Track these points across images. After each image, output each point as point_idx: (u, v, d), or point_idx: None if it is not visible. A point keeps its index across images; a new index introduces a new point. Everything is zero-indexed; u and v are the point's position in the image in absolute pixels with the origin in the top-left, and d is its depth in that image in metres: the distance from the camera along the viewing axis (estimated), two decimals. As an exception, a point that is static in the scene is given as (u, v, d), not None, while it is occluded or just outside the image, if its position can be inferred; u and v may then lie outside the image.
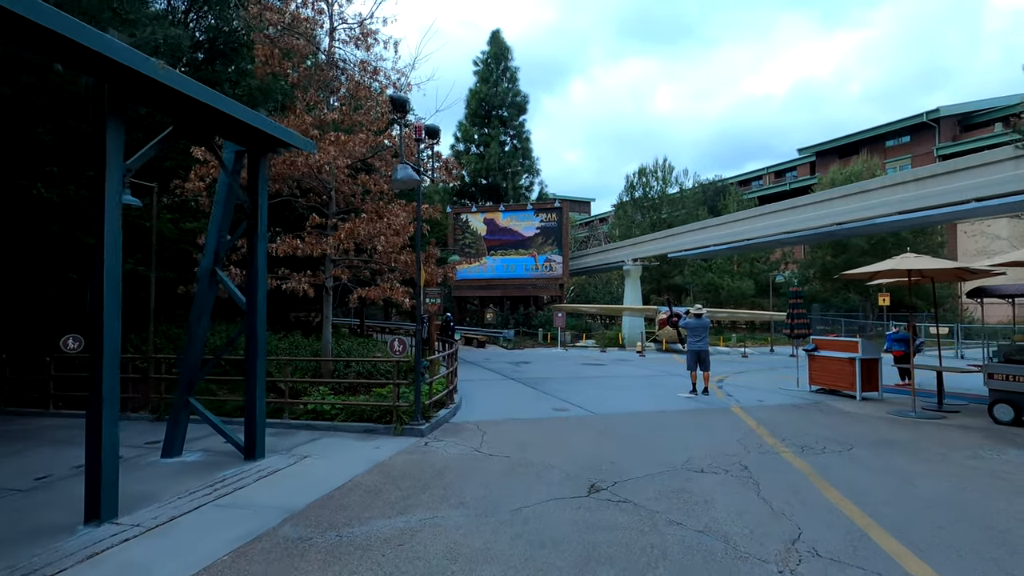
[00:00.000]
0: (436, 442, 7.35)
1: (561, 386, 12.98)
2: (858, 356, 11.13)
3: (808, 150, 51.41)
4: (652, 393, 12.00)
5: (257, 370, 6.19)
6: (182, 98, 4.82)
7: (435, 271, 10.48)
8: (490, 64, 34.44)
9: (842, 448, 7.05)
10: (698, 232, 23.32)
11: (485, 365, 18.00)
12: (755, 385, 13.37)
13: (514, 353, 23.38)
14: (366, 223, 8.24)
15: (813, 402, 10.83)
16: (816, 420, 8.97)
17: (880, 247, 29.24)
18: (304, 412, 8.45)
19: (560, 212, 30.29)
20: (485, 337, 26.78)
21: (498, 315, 30.33)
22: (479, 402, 10.68)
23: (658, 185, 40.15)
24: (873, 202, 15.02)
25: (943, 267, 8.96)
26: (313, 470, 6.00)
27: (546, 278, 30.29)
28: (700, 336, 11.67)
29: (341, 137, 8.46)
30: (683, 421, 8.85)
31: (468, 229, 31.17)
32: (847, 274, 10.02)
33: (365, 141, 8.85)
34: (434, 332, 14.14)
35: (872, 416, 9.37)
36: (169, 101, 4.98)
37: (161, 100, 4.96)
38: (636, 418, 9.08)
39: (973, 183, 12.81)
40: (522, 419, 9.00)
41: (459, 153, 34.74)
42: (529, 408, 10.03)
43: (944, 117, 42.00)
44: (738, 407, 10.18)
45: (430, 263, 10.65)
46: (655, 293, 37.58)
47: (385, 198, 10.60)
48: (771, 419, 8.99)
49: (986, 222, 35.82)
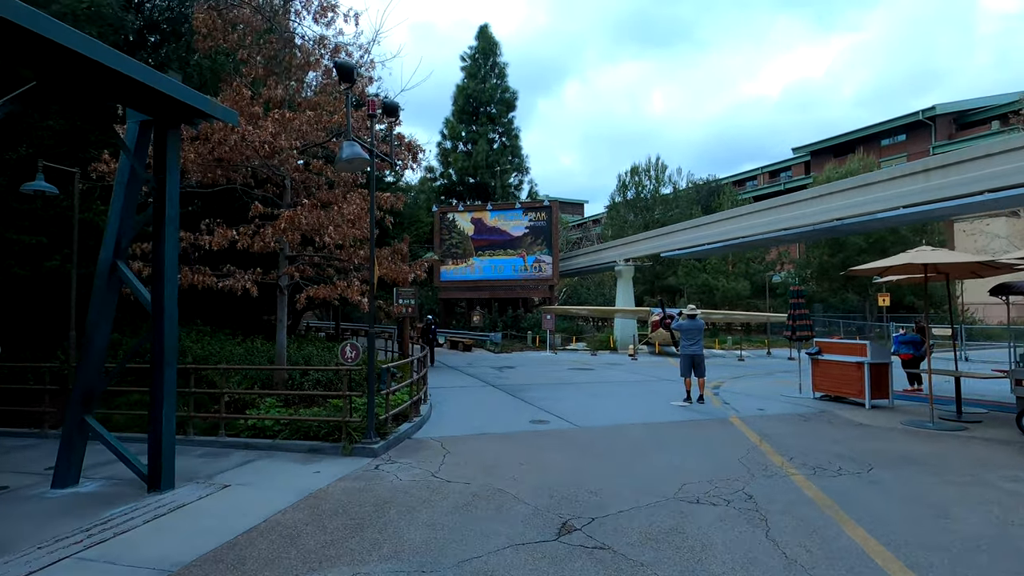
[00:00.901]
0: (389, 464, 6.31)
1: (544, 394, 11.97)
2: (867, 360, 10.18)
3: (803, 149, 50.78)
4: (643, 401, 11.00)
5: (164, 382, 5.14)
6: (40, 43, 3.79)
7: (401, 269, 9.44)
8: (478, 59, 33.46)
9: (859, 469, 6.07)
10: (691, 231, 22.41)
11: (467, 370, 16.97)
12: (754, 392, 12.40)
13: (500, 357, 22.36)
14: (308, 211, 7.20)
15: (819, 411, 9.86)
16: (825, 433, 7.99)
17: (878, 245, 28.43)
18: (245, 428, 7.39)
19: (550, 211, 29.32)
20: (471, 341, 25.73)
21: (485, 318, 29.28)
22: (451, 413, 9.65)
23: (651, 184, 39.29)
24: (875, 196, 14.12)
25: (965, 260, 8.02)
26: (228, 505, 4.95)
27: (535, 279, 29.29)
28: (694, 339, 10.68)
29: (286, 115, 7.43)
30: (677, 435, 7.85)
31: (455, 229, 30.14)
32: (856, 270, 9.08)
33: (316, 120, 7.82)
34: (407, 336, 13.09)
35: (886, 428, 8.40)
36: (26, 48, 3.95)
37: (15, 47, 3.93)
38: (623, 432, 8.07)
39: (987, 173, 11.92)
40: (495, 434, 7.97)
41: (446, 151, 33.70)
42: (505, 420, 9.00)
43: (940, 115, 41.41)
44: (737, 417, 9.20)
45: (396, 260, 9.61)
46: (648, 294, 36.66)
47: (345, 187, 9.57)
48: (775, 432, 8.01)
49: (985, 221, 35.21)
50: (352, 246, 8.93)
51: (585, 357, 22.53)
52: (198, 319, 13.08)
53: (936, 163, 12.81)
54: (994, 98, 42.81)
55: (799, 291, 12.04)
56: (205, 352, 10.51)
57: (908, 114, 42.25)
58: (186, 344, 10.98)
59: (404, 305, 12.88)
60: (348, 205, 7.63)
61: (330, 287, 7.93)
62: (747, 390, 12.68)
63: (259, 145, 7.23)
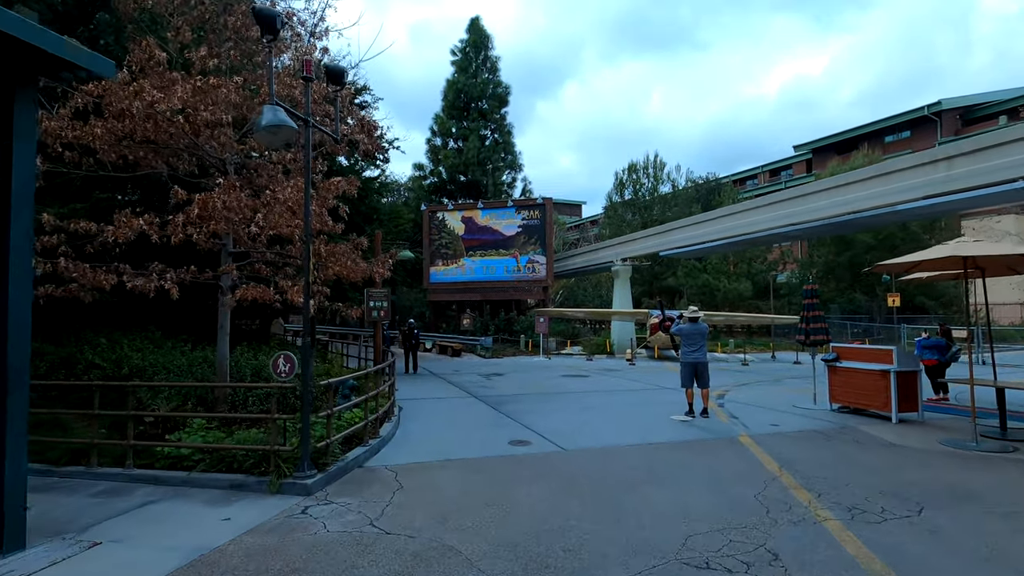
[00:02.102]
0: (321, 506, 5.08)
1: (531, 406, 10.74)
2: (893, 368, 8.97)
3: (804, 147, 49.62)
4: (640, 415, 9.78)
5: (8, 414, 3.92)
6: None
7: (358, 267, 8.20)
8: (469, 53, 32.27)
9: (907, 510, 4.85)
10: (692, 228, 21.22)
11: (451, 378, 15.75)
12: (763, 402, 11.19)
13: (490, 363, 21.12)
14: (227, 194, 5.96)
15: (840, 427, 8.65)
16: (854, 458, 6.77)
17: (888, 242, 27.23)
18: (162, 457, 6.16)
19: (544, 209, 28.11)
20: (460, 345, 24.49)
21: (476, 321, 28.02)
22: (419, 432, 8.42)
23: (649, 183, 38.14)
24: (893, 187, 12.92)
25: (1018, 253, 6.82)
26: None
27: (529, 280, 28.07)
28: (696, 344, 9.47)
29: (212, 81, 6.20)
30: (678, 461, 6.63)
31: (444, 228, 28.92)
32: (884, 265, 7.90)
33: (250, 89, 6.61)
34: (380, 342, 11.86)
35: (923, 449, 7.19)
36: None
37: None
38: (616, 457, 6.84)
39: (1015, 160, 10.73)
40: (464, 459, 6.75)
41: (436, 148, 32.47)
42: (480, 441, 7.77)
43: (946, 111, 40.26)
44: (747, 436, 7.98)
45: (355, 256, 8.39)
46: (647, 296, 35.45)
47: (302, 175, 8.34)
48: (794, 456, 6.79)
49: (995, 218, 34.04)
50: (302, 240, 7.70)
51: (580, 362, 21.31)
52: (152, 325, 11.86)
53: (966, 148, 11.62)
54: (1000, 93, 41.74)
55: (813, 290, 10.82)
56: (145, 363, 9.30)
57: (913, 109, 41.12)
58: (125, 353, 9.77)
59: (376, 308, 11.67)
60: (285, 189, 6.41)
61: (260, 288, 6.69)
62: (755, 400, 11.46)
63: (171, 116, 6.02)
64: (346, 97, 7.66)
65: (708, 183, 43.79)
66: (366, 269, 8.77)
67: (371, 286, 11.60)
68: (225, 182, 6.14)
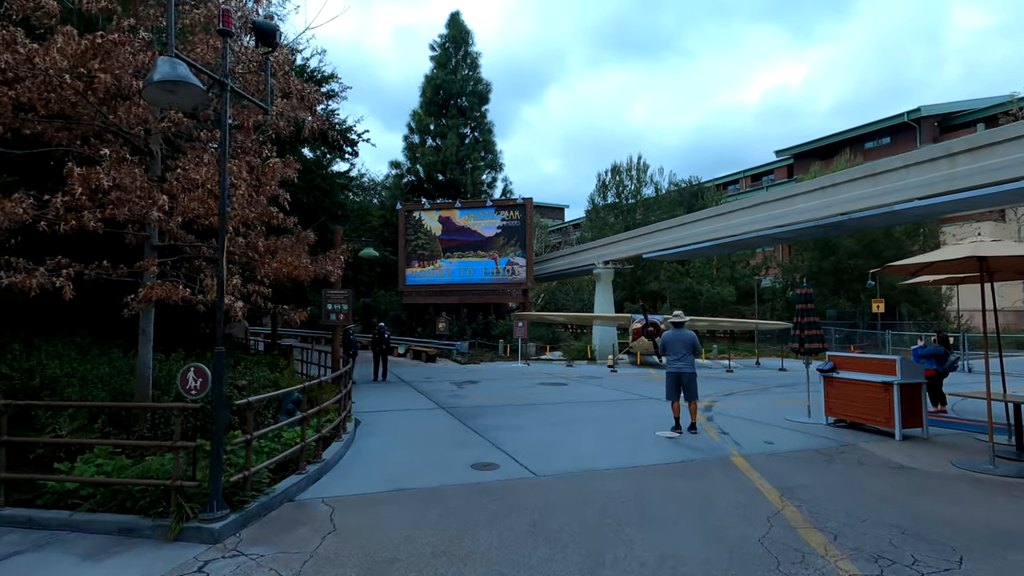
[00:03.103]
0: (226, 560, 4.06)
1: (503, 420, 9.79)
2: (896, 380, 8.23)
3: (786, 152, 49.67)
4: (622, 431, 8.89)
5: None
6: None
7: (302, 265, 7.16)
8: (448, 48, 31.30)
9: (946, 560, 4.01)
10: (676, 230, 20.50)
11: (421, 386, 14.72)
12: (753, 414, 10.39)
13: (465, 369, 20.12)
14: (113, 170, 4.89)
15: (840, 445, 7.86)
16: (864, 485, 5.95)
17: (873, 248, 26.93)
18: (47, 493, 5.06)
19: (524, 210, 27.22)
20: (435, 350, 23.44)
21: (452, 325, 26.95)
22: (373, 452, 7.41)
23: (632, 185, 37.54)
24: (888, 186, 12.29)
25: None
26: None
27: (508, 283, 27.14)
28: (680, 354, 8.61)
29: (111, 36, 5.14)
30: (665, 492, 5.73)
31: (421, 229, 27.86)
32: (895, 266, 7.13)
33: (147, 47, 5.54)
34: (338, 348, 10.80)
35: (938, 473, 6.41)
36: None
37: None
38: (593, 484, 5.92)
39: (1022, 157, 10.14)
40: (417, 490, 5.76)
41: (413, 146, 31.35)
42: (441, 463, 6.80)
43: (925, 118, 40.48)
44: (741, 456, 7.14)
45: (299, 253, 7.35)
46: (630, 300, 34.76)
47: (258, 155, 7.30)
48: (796, 482, 5.94)
49: (975, 226, 34.11)
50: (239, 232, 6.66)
51: (560, 369, 20.42)
52: (84, 328, 10.63)
53: (963, 146, 11.00)
54: (977, 101, 42.21)
55: (807, 294, 10.07)
56: (62, 372, 8.12)
57: (893, 116, 41.31)
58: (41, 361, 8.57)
59: (334, 311, 10.62)
60: (200, 168, 5.36)
61: (167, 286, 5.61)
62: (745, 412, 10.67)
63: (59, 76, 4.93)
64: (284, 63, 6.63)
65: (691, 187, 43.41)
66: (312, 268, 7.72)
67: (328, 286, 10.55)
68: (113, 155, 5.05)
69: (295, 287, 12.83)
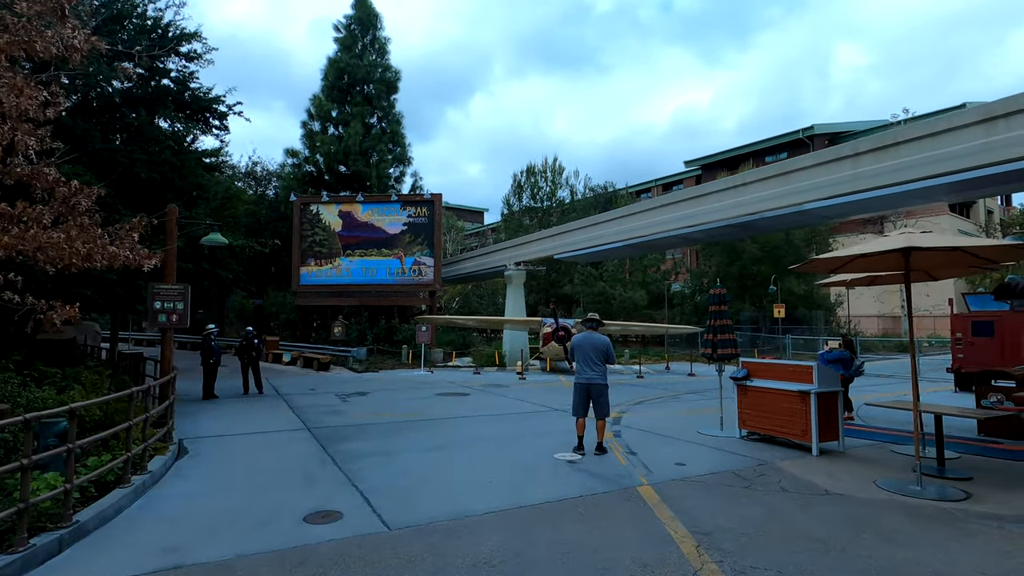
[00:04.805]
0: None
1: (376, 443, 8.09)
2: (813, 389, 7.47)
3: (694, 163, 51.55)
4: (516, 453, 7.49)
5: None
6: None
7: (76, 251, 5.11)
8: (354, 30, 28.92)
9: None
10: (588, 230, 19.70)
11: (296, 401, 12.62)
12: (664, 428, 9.40)
13: (361, 378, 18.06)
14: None
15: (756, 463, 6.92)
16: (791, 520, 4.89)
17: (773, 254, 27.78)
18: None
19: (432, 207, 25.49)
20: (329, 357, 21.09)
21: (351, 329, 24.61)
22: (171, 501, 5.47)
23: (547, 187, 36.89)
24: (798, 186, 11.95)
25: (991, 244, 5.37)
26: None
27: (414, 284, 25.25)
28: (591, 362, 7.38)
29: None
30: (555, 546, 4.34)
31: (319, 223, 25.32)
32: (819, 259, 6.26)
33: None
34: (169, 356, 8.58)
35: (867, 500, 5.52)
36: None
37: None
38: (462, 542, 4.42)
39: (927, 156, 9.96)
40: (210, 564, 3.99)
41: (312, 133, 28.57)
42: (262, 516, 5.01)
43: (817, 135, 43.37)
44: (650, 486, 5.94)
45: (91, 232, 5.28)
46: (544, 304, 33.96)
47: None
48: (713, 521, 4.78)
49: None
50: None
51: (466, 376, 18.87)
52: None
53: (868, 146, 10.74)
54: (859, 123, 45.97)
55: (721, 295, 9.23)
56: None
57: (789, 132, 44.02)
58: None
59: (166, 311, 8.43)
60: None
61: None
62: (655, 425, 9.66)
63: None
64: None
65: (606, 192, 43.67)
66: (116, 257, 5.66)
67: (157, 279, 8.37)
68: None
69: (125, 281, 10.38)
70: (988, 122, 9.50)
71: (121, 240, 5.52)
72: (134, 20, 13.02)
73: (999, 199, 49.38)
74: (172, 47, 12.82)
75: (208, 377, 13.08)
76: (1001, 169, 9.46)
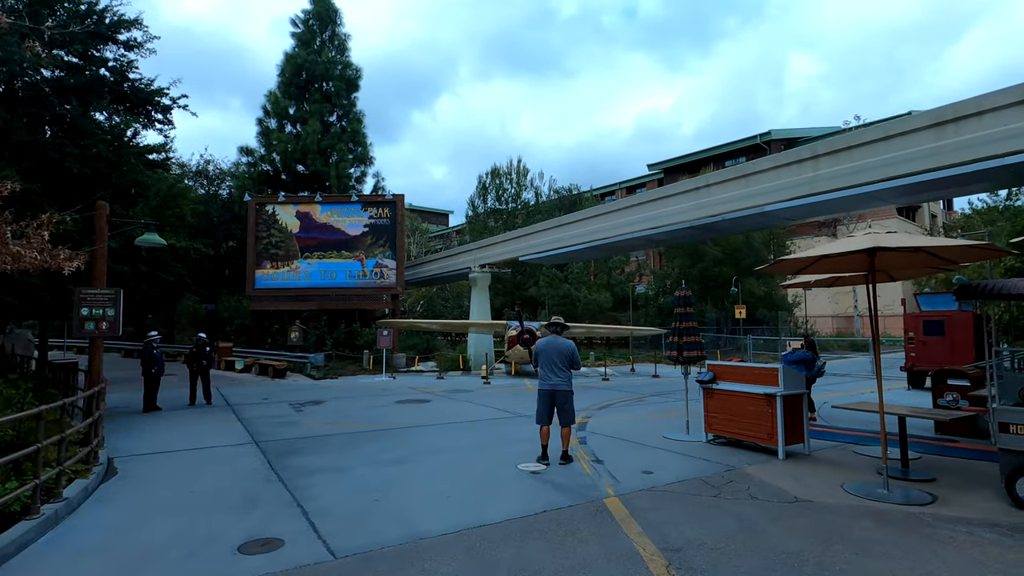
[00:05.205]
0: None
1: (327, 457, 7.59)
2: (779, 392, 7.38)
3: (657, 166, 52.34)
4: (477, 465, 7.12)
5: None
6: None
7: None
8: (312, 26, 28.02)
9: None
10: (552, 231, 19.51)
11: (247, 411, 11.92)
12: (630, 433, 9.20)
13: (318, 386, 17.34)
14: None
15: (724, 469, 6.76)
16: (762, 531, 4.69)
17: (734, 257, 28.25)
18: None
19: (395, 207, 24.88)
20: (286, 364, 20.23)
21: (309, 334, 23.73)
22: (88, 533, 4.89)
23: (512, 188, 36.66)
24: (759, 188, 12.02)
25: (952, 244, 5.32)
26: None
27: (376, 287, 24.56)
28: (556, 368, 7.10)
29: None
30: (517, 567, 4.01)
31: (275, 224, 24.35)
32: (785, 260, 6.14)
33: None
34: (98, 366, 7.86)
35: (835, 506, 5.39)
36: None
37: None
38: (417, 566, 4.04)
39: (882, 159, 10.11)
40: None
41: (269, 131, 27.49)
42: (193, 546, 4.51)
43: (774, 140, 44.62)
44: (617, 497, 5.69)
45: None
46: (509, 307, 33.66)
47: None
48: (685, 537, 4.54)
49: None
50: None
51: (429, 382, 18.37)
52: None
53: (825, 148, 10.85)
54: (814, 130, 47.39)
55: (686, 297, 9.11)
56: None
57: (748, 137, 45.13)
58: None
59: (95, 318, 7.73)
60: None
61: None
62: (621, 430, 9.46)
63: None
64: None
65: (571, 195, 43.75)
66: (21, 258, 5.03)
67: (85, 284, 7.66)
68: None
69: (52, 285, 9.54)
70: (938, 126, 9.69)
71: (29, 239, 4.91)
72: (66, 4, 12.08)
73: (942, 204, 51.95)
74: (108, 34, 11.97)
75: (150, 388, 12.22)
76: (951, 172, 9.65)
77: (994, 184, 10.94)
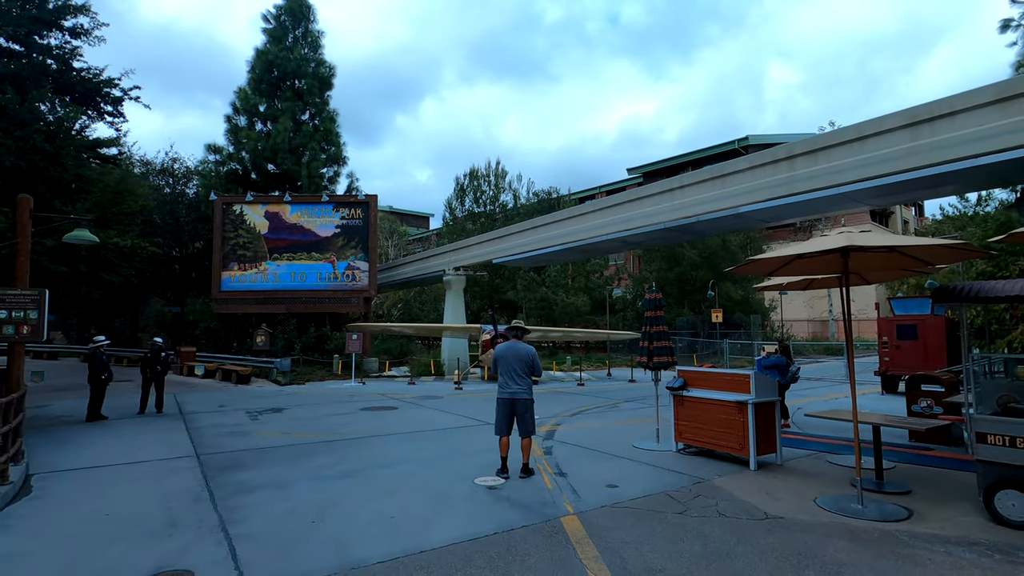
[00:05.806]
0: None
1: (272, 471, 7.04)
2: (751, 399, 7.04)
3: (637, 170, 52.39)
4: (432, 480, 6.64)
5: None
6: None
7: None
8: (284, 21, 27.29)
9: None
10: (529, 233, 19.13)
11: (198, 420, 11.25)
12: (598, 441, 8.81)
13: (280, 393, 16.66)
14: None
15: (693, 482, 6.39)
16: (729, 554, 4.31)
17: (711, 260, 28.19)
18: None
19: (367, 208, 24.26)
20: (250, 369, 19.47)
21: (277, 337, 22.95)
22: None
23: (490, 190, 36.25)
24: (735, 188, 11.79)
25: (927, 244, 5.02)
26: None
27: (348, 290, 23.90)
28: (515, 375, 6.67)
29: None
30: (452, 607, 3.55)
31: (243, 225, 23.56)
32: (758, 259, 5.80)
33: None
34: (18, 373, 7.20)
35: (807, 523, 5.04)
36: None
37: None
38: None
39: (858, 160, 9.92)
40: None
41: (237, 128, 26.67)
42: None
43: (752, 145, 44.94)
44: (575, 513, 5.27)
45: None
46: (486, 310, 33.18)
47: None
48: (645, 565, 4.13)
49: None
50: None
51: (400, 387, 17.81)
52: None
53: (802, 148, 10.64)
54: (791, 136, 48.00)
55: (656, 300, 8.76)
56: None
57: (727, 142, 45.32)
58: None
59: (14, 321, 7.07)
60: None
61: None
62: (590, 438, 9.06)
63: None
64: None
65: (550, 198, 43.47)
66: None
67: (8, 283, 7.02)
68: None
69: None
70: (913, 126, 9.53)
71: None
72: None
73: (913, 210, 52.96)
74: (52, 19, 11.27)
75: (95, 396, 11.48)
76: (926, 173, 9.49)
77: (968, 186, 10.84)
